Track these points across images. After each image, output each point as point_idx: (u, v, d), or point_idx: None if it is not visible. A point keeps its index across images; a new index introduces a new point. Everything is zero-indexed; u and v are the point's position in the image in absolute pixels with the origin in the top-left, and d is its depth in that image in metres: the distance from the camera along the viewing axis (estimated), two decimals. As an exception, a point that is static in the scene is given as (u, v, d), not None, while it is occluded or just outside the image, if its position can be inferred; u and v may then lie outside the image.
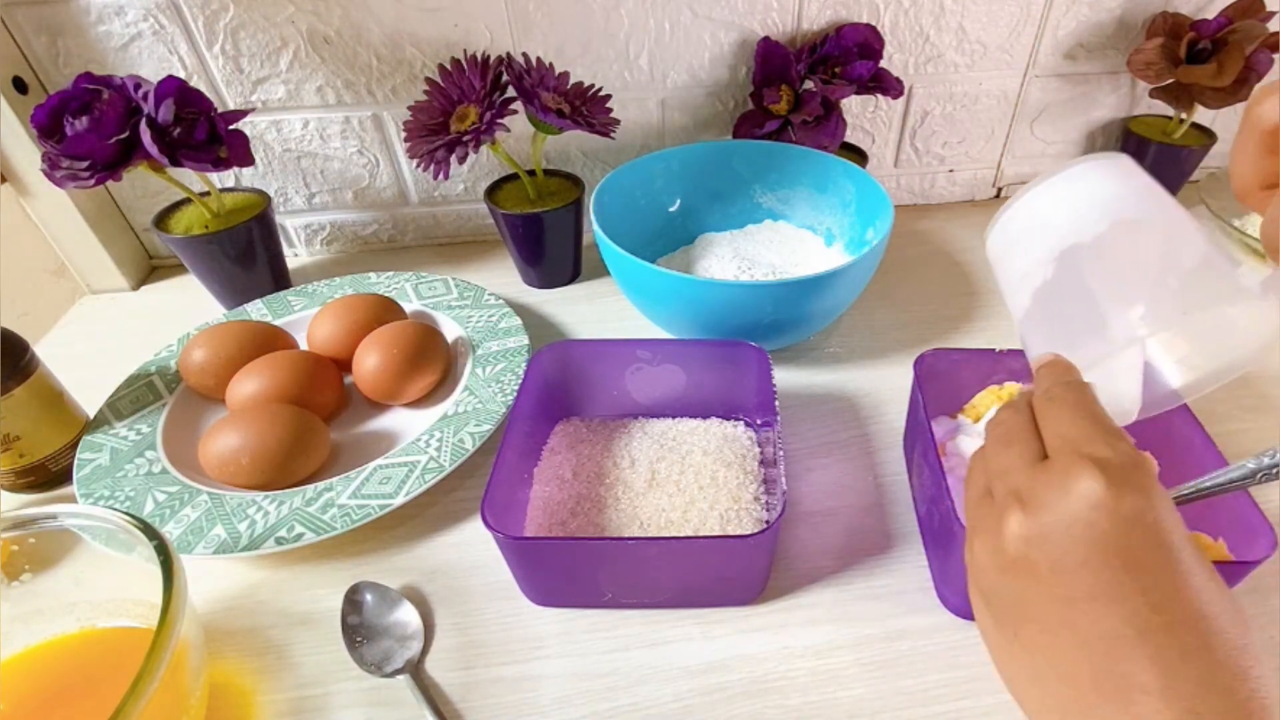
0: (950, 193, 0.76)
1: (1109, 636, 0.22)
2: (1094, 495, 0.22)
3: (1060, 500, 0.23)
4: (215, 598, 0.41)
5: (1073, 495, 0.23)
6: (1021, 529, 0.24)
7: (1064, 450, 0.24)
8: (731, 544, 0.36)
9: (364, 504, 0.42)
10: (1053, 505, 0.23)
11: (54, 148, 0.49)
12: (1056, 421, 0.26)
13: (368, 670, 0.36)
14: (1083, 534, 0.22)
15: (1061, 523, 0.23)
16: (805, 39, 0.64)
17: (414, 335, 0.51)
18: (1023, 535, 0.24)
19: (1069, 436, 0.25)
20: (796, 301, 0.48)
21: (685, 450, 0.45)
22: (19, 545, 0.36)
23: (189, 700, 0.32)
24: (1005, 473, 0.26)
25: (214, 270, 0.61)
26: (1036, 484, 0.24)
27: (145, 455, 0.46)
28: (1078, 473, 0.23)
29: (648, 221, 0.62)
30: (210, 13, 0.58)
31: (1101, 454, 0.23)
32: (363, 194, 0.69)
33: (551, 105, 0.54)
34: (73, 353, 0.61)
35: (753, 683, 0.36)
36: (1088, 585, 0.22)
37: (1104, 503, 0.22)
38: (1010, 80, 0.68)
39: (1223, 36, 0.61)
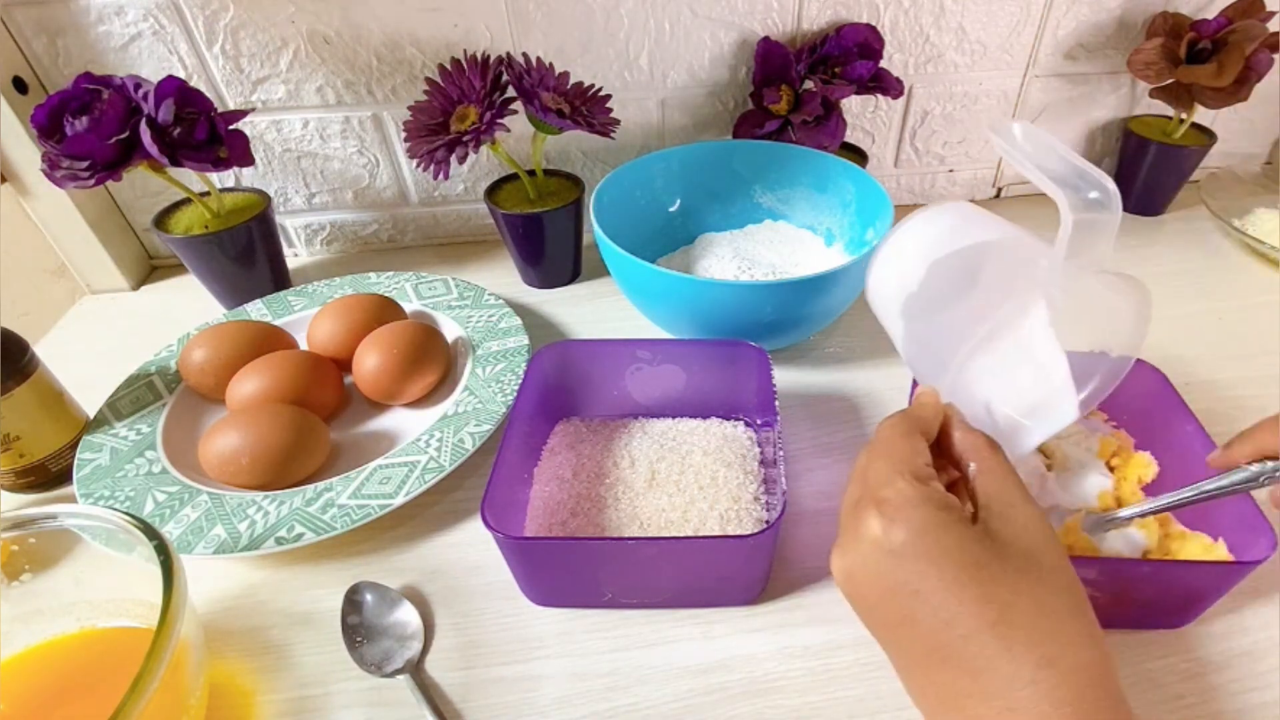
0: (950, 193, 0.76)
1: (923, 653, 0.24)
2: (872, 535, 0.25)
3: (853, 544, 0.26)
4: (215, 598, 0.41)
5: (858, 538, 0.26)
6: (838, 570, 0.27)
7: (864, 494, 0.27)
8: (731, 544, 0.36)
9: (364, 504, 0.42)
10: (849, 549, 0.27)
11: (54, 148, 0.49)
12: (871, 463, 0.28)
13: (368, 670, 0.36)
14: (872, 571, 0.25)
15: (857, 563, 0.26)
16: (805, 39, 0.64)
17: (414, 335, 0.51)
18: (838, 577, 0.27)
19: (870, 481, 0.27)
20: (796, 301, 0.48)
21: (685, 450, 0.45)
22: (19, 545, 0.36)
23: (189, 700, 0.32)
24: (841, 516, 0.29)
25: (214, 270, 0.61)
26: (844, 529, 0.28)
27: (145, 455, 0.46)
28: (864, 517, 0.26)
29: (648, 221, 0.62)
30: (210, 13, 0.58)
31: (882, 494, 0.26)
32: (363, 194, 0.69)
33: (551, 105, 0.54)
34: (73, 353, 0.61)
35: (753, 683, 0.36)
36: (890, 614, 0.25)
37: (880, 542, 0.25)
38: (1010, 80, 0.68)
39: (1223, 36, 0.61)
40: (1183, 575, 0.35)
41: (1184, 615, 0.37)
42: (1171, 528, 0.38)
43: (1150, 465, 0.41)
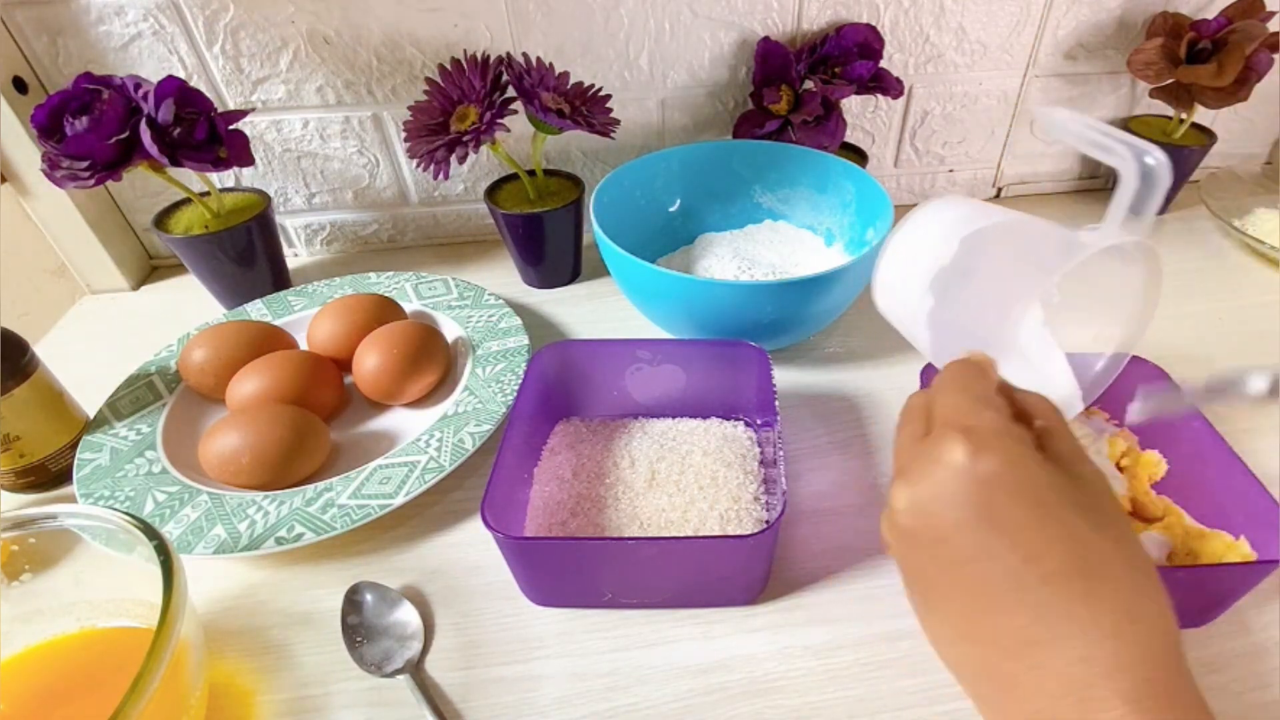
0: (950, 193, 0.76)
1: (993, 594, 0.23)
2: (956, 462, 0.24)
3: (930, 471, 0.24)
4: (215, 598, 0.41)
5: (940, 464, 0.24)
6: (903, 502, 0.25)
7: (937, 426, 0.26)
8: (731, 544, 0.36)
9: (364, 504, 0.42)
10: (925, 476, 0.25)
11: (54, 148, 0.49)
12: (939, 399, 0.27)
13: (368, 670, 0.36)
14: (950, 500, 0.24)
15: (932, 492, 0.24)
16: (805, 39, 0.64)
17: (414, 335, 0.51)
18: (905, 509, 0.25)
19: (944, 412, 0.26)
20: (796, 301, 0.48)
21: (685, 450, 0.45)
22: (19, 545, 0.36)
23: (189, 700, 0.32)
24: (898, 453, 0.28)
25: (214, 270, 0.61)
26: (914, 458, 0.26)
27: (145, 455, 0.46)
28: (944, 443, 0.24)
29: (648, 221, 0.62)
30: (210, 13, 0.58)
31: (967, 422, 0.25)
32: (363, 194, 0.69)
33: (551, 105, 0.54)
34: (73, 353, 0.61)
35: (753, 683, 0.36)
36: (965, 548, 0.24)
37: (965, 468, 0.23)
38: (1010, 80, 0.68)
39: (1223, 36, 0.61)
40: (1214, 577, 0.35)
41: (1206, 616, 0.37)
42: (1191, 526, 0.38)
43: (1160, 463, 0.41)
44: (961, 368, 0.28)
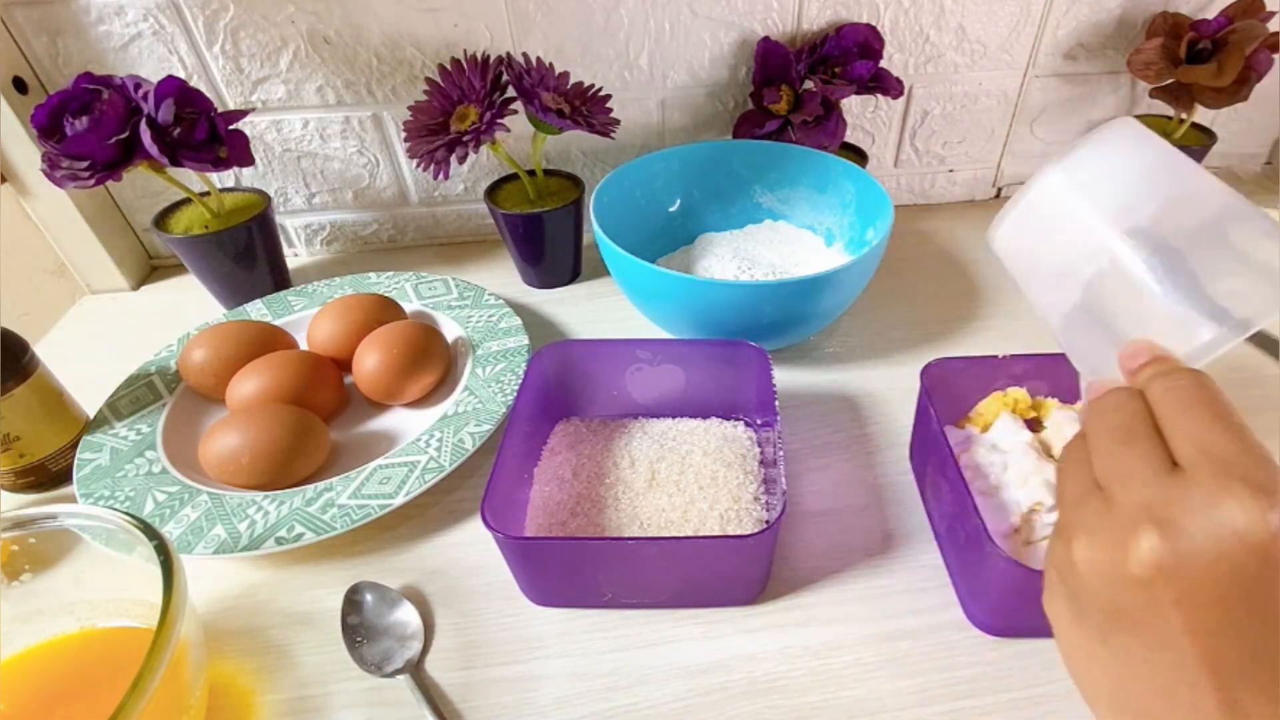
0: (950, 193, 0.76)
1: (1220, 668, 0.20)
2: (1248, 532, 0.20)
3: (1207, 531, 0.20)
4: (215, 598, 0.41)
5: (1223, 528, 0.20)
6: (1155, 555, 0.21)
7: (1205, 466, 0.21)
8: (731, 544, 0.36)
9: (364, 504, 0.42)
10: (1197, 535, 0.20)
11: (54, 148, 0.49)
12: (1189, 423, 0.22)
13: (368, 670, 0.36)
14: (1226, 573, 0.20)
15: (1205, 557, 0.20)
16: (805, 39, 0.64)
17: (414, 335, 0.51)
18: (1155, 562, 0.21)
19: (1208, 447, 0.22)
20: (796, 301, 0.48)
21: (685, 450, 0.45)
22: (19, 545, 0.36)
23: (189, 700, 0.32)
24: (1129, 477, 0.23)
25: (214, 270, 0.61)
26: (1175, 503, 0.21)
27: (145, 455, 0.46)
28: (1228, 500, 0.20)
29: (648, 221, 0.62)
30: (210, 13, 0.58)
31: (1255, 477, 0.20)
32: (363, 194, 0.69)
33: (551, 105, 0.54)
34: (73, 353, 0.61)
35: (753, 683, 0.36)
36: (1214, 620, 0.20)
37: (1259, 544, 0.20)
38: (1010, 80, 0.68)
39: (1223, 36, 0.61)
40: None
41: None
42: None
43: None
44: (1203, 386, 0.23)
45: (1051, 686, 0.35)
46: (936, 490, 0.42)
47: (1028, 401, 0.44)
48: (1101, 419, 0.25)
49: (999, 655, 0.36)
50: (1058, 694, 0.35)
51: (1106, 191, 0.28)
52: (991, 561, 0.34)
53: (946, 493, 0.39)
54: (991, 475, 0.41)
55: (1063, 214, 0.29)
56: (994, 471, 0.41)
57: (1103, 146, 0.28)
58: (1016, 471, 0.39)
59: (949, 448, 0.38)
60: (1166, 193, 0.27)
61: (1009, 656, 0.36)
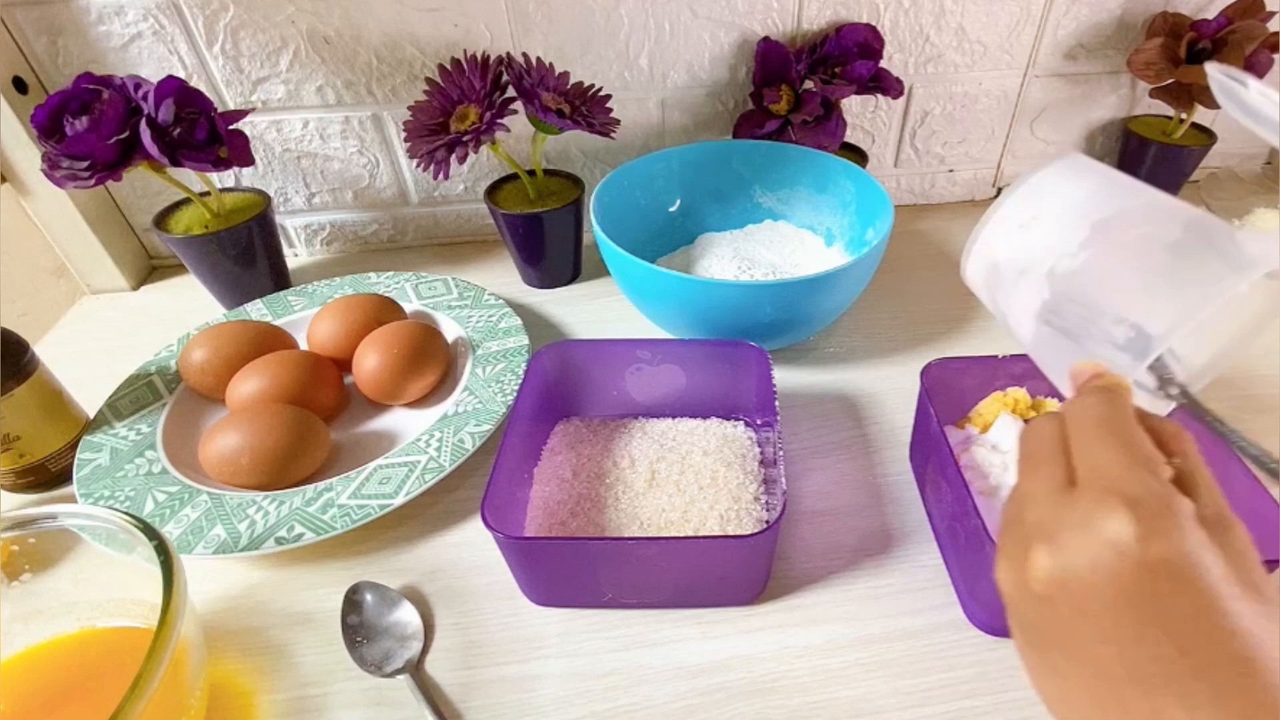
0: (950, 193, 0.76)
1: (1134, 677, 0.21)
2: (1120, 541, 0.21)
3: (1084, 544, 0.22)
4: (215, 598, 0.41)
5: (1097, 539, 0.21)
6: (1043, 571, 0.23)
7: (1092, 482, 0.23)
8: (731, 544, 0.36)
9: (364, 504, 0.42)
10: (1076, 548, 0.22)
11: (54, 148, 0.49)
12: (1086, 444, 0.24)
13: (368, 670, 0.36)
14: (1106, 581, 0.21)
15: (1084, 568, 0.22)
16: (805, 39, 0.64)
17: (414, 335, 0.51)
18: (1045, 577, 0.23)
19: (1098, 465, 0.23)
20: (796, 301, 0.48)
21: (685, 450, 0.45)
22: (19, 545, 0.36)
23: (189, 700, 0.32)
24: (1031, 500, 0.24)
25: (214, 270, 0.61)
26: (1061, 520, 0.23)
27: (145, 455, 0.46)
28: (1104, 514, 0.22)
29: (648, 221, 0.62)
30: (210, 13, 0.58)
31: (1132, 491, 0.22)
32: (363, 194, 0.69)
33: (551, 105, 0.54)
34: (73, 353, 0.61)
35: (753, 683, 0.36)
36: (1110, 628, 0.22)
37: (1130, 551, 0.21)
38: (1010, 80, 0.68)
39: (1223, 36, 0.61)
40: None
41: None
42: None
43: None
44: (1106, 405, 0.24)
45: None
46: (936, 490, 0.42)
47: (1028, 401, 0.44)
48: (1022, 446, 0.27)
49: (999, 655, 0.36)
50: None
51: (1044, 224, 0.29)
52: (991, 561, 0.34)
53: (946, 493, 0.39)
54: (991, 475, 0.41)
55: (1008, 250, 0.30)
56: (994, 471, 0.41)
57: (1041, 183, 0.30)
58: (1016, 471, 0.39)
59: (949, 448, 0.38)
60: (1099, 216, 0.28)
61: (1009, 656, 0.36)
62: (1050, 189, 0.30)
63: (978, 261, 0.32)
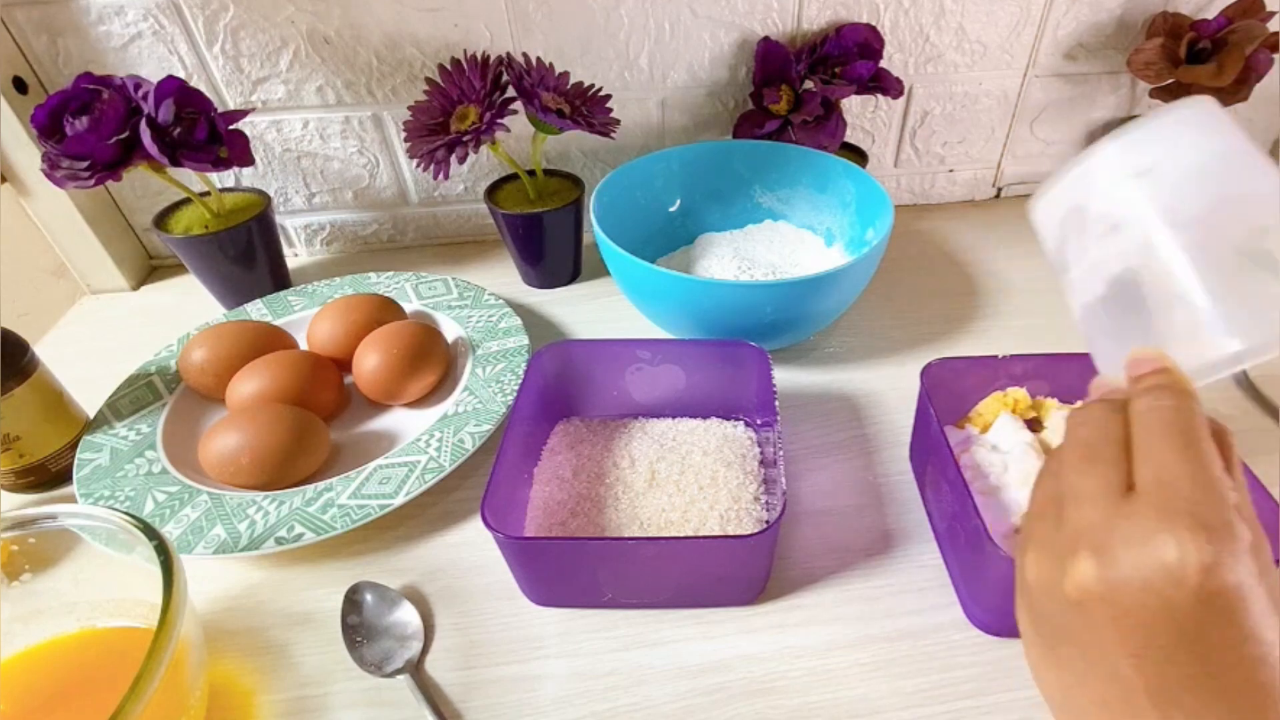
0: (950, 193, 0.76)
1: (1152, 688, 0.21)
2: (1179, 570, 0.20)
3: (1140, 563, 0.21)
4: (215, 598, 0.41)
5: (1156, 561, 0.20)
6: (1088, 580, 0.22)
7: (1155, 495, 0.21)
8: (731, 544, 0.36)
9: (364, 504, 0.42)
10: (1130, 565, 0.21)
11: (54, 148, 0.49)
12: (1155, 449, 0.22)
13: (368, 670, 0.36)
14: (1155, 604, 0.21)
15: (1135, 587, 0.21)
16: (805, 39, 0.64)
17: (414, 335, 0.51)
18: (1088, 587, 0.22)
19: (1165, 476, 0.21)
20: (796, 301, 0.48)
21: (685, 450, 0.45)
22: (19, 545, 0.36)
23: (189, 700, 0.32)
24: (1081, 499, 0.23)
25: (214, 270, 0.61)
26: (1116, 533, 0.21)
27: (145, 455, 0.46)
28: (1166, 537, 0.20)
29: (648, 221, 0.62)
30: (210, 13, 0.58)
31: (1202, 516, 0.20)
32: (363, 194, 0.69)
33: (551, 105, 0.54)
34: (73, 353, 0.61)
35: (753, 683, 0.36)
36: (1142, 644, 0.21)
37: (1189, 581, 0.20)
38: (1010, 80, 0.68)
39: (1223, 36, 0.61)
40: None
41: None
42: None
43: None
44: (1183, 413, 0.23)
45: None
46: (936, 490, 0.42)
47: (1028, 401, 0.44)
48: (1074, 431, 0.25)
49: (999, 655, 0.36)
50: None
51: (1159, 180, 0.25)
52: (991, 561, 0.34)
53: (946, 493, 0.39)
54: (991, 475, 0.41)
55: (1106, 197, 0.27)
56: (994, 471, 0.41)
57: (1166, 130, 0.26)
58: (1016, 471, 0.39)
59: (949, 448, 0.38)
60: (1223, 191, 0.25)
61: (1009, 656, 0.36)
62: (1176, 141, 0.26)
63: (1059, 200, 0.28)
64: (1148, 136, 0.26)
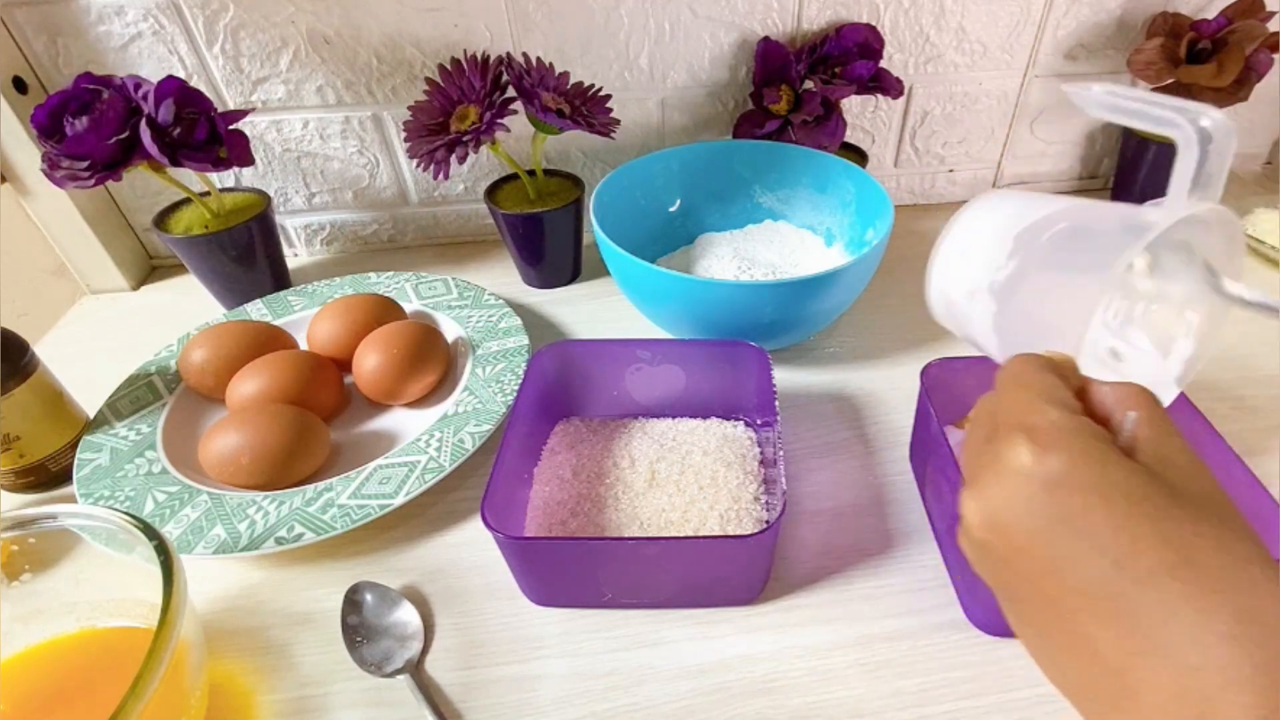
0: (950, 193, 0.76)
1: (1084, 604, 0.21)
2: (1020, 465, 0.22)
3: (995, 478, 0.23)
4: (215, 598, 0.41)
5: (1004, 469, 0.22)
6: (973, 515, 0.23)
7: (1000, 428, 0.24)
8: (731, 544, 0.36)
9: (364, 504, 0.42)
10: (990, 484, 0.23)
11: (54, 148, 0.49)
12: (1002, 397, 0.25)
13: (368, 670, 0.36)
14: (1021, 507, 0.22)
15: (1000, 500, 0.22)
16: (805, 39, 0.64)
17: (414, 335, 0.51)
18: (976, 522, 0.23)
19: (1007, 410, 0.24)
20: (796, 301, 0.48)
21: (685, 450, 0.45)
22: (19, 545, 0.36)
23: (189, 700, 0.32)
24: (964, 460, 0.26)
25: (214, 270, 0.61)
26: (979, 465, 0.24)
27: (145, 455, 0.46)
28: (1006, 446, 0.22)
29: (648, 221, 0.62)
30: (210, 13, 0.58)
31: (1031, 421, 0.23)
32: (363, 194, 0.69)
33: (551, 105, 0.54)
34: (73, 353, 0.61)
35: (753, 683, 0.36)
36: (1045, 558, 0.21)
37: (1031, 470, 0.22)
38: (1010, 80, 0.68)
39: (1223, 36, 0.61)
40: None
41: None
42: None
43: None
44: (1022, 363, 0.26)
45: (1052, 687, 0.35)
46: (936, 490, 0.42)
47: (1027, 401, 0.44)
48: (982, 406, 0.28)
49: (999, 655, 0.36)
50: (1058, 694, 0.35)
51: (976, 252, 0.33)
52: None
53: (946, 493, 0.39)
54: (991, 475, 0.41)
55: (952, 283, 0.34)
56: (994, 471, 0.41)
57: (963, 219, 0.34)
58: None
59: (949, 448, 0.38)
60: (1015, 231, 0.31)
61: (1009, 656, 0.36)
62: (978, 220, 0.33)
63: (935, 299, 0.35)
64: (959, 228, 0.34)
